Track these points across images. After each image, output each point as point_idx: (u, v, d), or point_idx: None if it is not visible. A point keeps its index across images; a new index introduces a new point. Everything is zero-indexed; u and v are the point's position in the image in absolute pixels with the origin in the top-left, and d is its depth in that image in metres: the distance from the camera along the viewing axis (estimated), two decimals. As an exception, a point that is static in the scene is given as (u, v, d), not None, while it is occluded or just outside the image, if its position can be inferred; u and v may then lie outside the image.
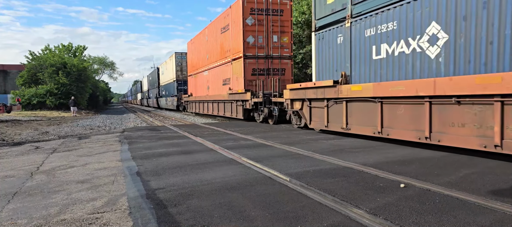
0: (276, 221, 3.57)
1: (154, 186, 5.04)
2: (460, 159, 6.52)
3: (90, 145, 9.81)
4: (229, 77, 18.57)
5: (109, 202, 4.31)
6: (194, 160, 7.03)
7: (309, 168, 5.97)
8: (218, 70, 20.39)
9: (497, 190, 4.45)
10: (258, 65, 16.79)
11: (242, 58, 16.49)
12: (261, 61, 16.88)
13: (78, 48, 46.06)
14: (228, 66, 18.54)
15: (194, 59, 26.67)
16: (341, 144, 8.76)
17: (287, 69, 17.51)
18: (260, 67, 16.85)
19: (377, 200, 4.15)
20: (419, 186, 4.69)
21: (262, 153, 7.67)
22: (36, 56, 38.07)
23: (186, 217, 3.73)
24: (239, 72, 17.01)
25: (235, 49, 17.38)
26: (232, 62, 17.86)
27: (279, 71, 17.21)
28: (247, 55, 16.56)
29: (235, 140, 10.01)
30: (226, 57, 18.83)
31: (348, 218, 3.58)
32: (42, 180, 5.58)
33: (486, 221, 3.43)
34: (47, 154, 8.30)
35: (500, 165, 5.88)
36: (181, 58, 33.03)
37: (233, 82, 17.99)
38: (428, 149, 7.57)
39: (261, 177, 5.40)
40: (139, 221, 3.65)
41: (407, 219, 3.53)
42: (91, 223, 3.63)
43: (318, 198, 4.25)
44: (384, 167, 5.88)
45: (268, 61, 16.99)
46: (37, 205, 4.29)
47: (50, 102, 32.90)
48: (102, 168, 6.47)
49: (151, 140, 10.77)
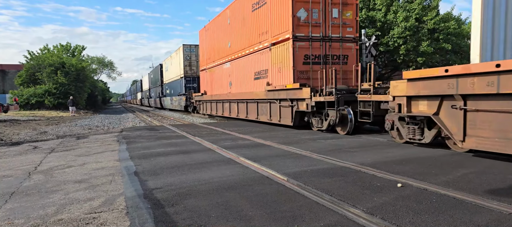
0: (273, 220, 3.57)
1: (151, 186, 5.03)
2: (458, 159, 6.53)
3: (88, 145, 9.81)
4: (266, 69, 14.24)
5: (106, 202, 4.31)
6: (192, 159, 7.03)
7: (307, 167, 5.97)
8: (248, 60, 16.06)
9: (494, 190, 4.46)
10: (312, 51, 12.38)
11: (291, 40, 12.09)
12: (316, 44, 12.42)
13: (77, 48, 45.98)
14: (265, 53, 14.26)
15: (209, 50, 22.15)
16: (339, 144, 8.77)
17: (350, 56, 12.85)
18: (314, 53, 12.41)
19: (374, 199, 4.15)
20: (416, 185, 4.70)
21: (260, 153, 7.68)
22: (35, 56, 38.03)
23: (183, 217, 3.73)
24: (284, 61, 12.72)
25: (278, 29, 13.08)
26: (271, 47, 13.60)
27: (340, 59, 12.74)
28: (298, 36, 12.11)
29: (233, 140, 10.01)
30: (261, 42, 14.53)
31: (345, 218, 3.59)
32: (39, 180, 5.58)
33: (483, 221, 3.44)
34: (45, 154, 8.29)
35: (498, 165, 5.90)
36: (190, 51, 28.72)
37: (273, 74, 13.71)
38: (427, 149, 7.58)
39: (259, 177, 5.40)
40: (136, 221, 3.65)
41: (403, 219, 3.53)
42: (88, 223, 3.62)
43: (316, 198, 4.26)
44: (382, 166, 5.89)
45: (325, 45, 12.53)
46: (35, 205, 4.29)
47: (49, 102, 32.86)
48: (100, 168, 6.46)
49: (149, 139, 10.76)
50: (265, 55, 14.30)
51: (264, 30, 14.17)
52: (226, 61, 18.91)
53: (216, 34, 20.74)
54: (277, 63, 13.26)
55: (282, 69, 12.93)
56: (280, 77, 13.14)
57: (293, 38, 12.08)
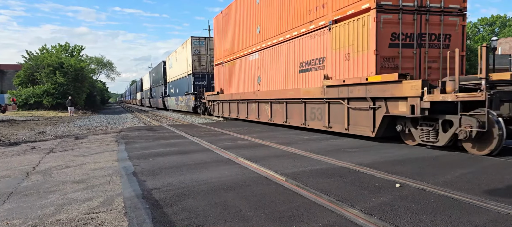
0: (271, 221, 3.57)
1: (150, 186, 5.03)
2: (456, 159, 6.54)
3: (86, 145, 9.79)
4: (322, 57, 10.60)
5: (104, 202, 4.31)
6: (190, 160, 7.03)
7: (305, 168, 5.98)
8: (288, 48, 12.52)
9: (491, 190, 4.48)
10: (402, 28, 8.77)
11: (373, 10, 8.54)
12: (408, 18, 8.78)
13: (75, 48, 45.94)
14: (319, 36, 10.71)
15: (228, 39, 18.71)
16: (338, 144, 8.78)
17: (453, 35, 9.20)
18: (406, 30, 8.81)
19: (373, 200, 4.16)
20: (415, 186, 4.71)
21: (259, 153, 7.68)
22: (33, 56, 38.00)
23: (182, 217, 3.73)
24: (358, 43, 9.12)
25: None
26: (331, 26, 10.07)
27: (441, 40, 9.10)
28: (384, 5, 8.56)
29: (232, 140, 10.01)
30: (312, 21, 11.00)
31: (343, 218, 3.60)
32: (38, 180, 5.57)
33: (480, 221, 3.45)
34: (43, 154, 8.27)
35: (496, 165, 5.91)
36: (199, 44, 25.42)
37: (334, 64, 10.07)
38: (426, 149, 7.59)
39: (257, 177, 5.41)
40: (134, 221, 3.65)
41: (402, 219, 3.54)
42: (87, 223, 3.62)
43: (314, 198, 4.26)
44: (380, 167, 5.90)
45: (420, 20, 8.89)
46: (33, 205, 4.28)
47: (47, 102, 32.81)
48: (99, 168, 6.45)
49: (148, 140, 10.75)
50: (320, 39, 10.69)
51: (320, 3, 10.59)
52: (253, 52, 15.51)
53: (238, 19, 17.25)
54: (343, 47, 9.66)
55: (352, 56, 9.35)
56: (347, 67, 9.56)
57: (377, 8, 8.45)
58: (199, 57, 25.60)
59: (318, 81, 10.78)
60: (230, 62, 18.63)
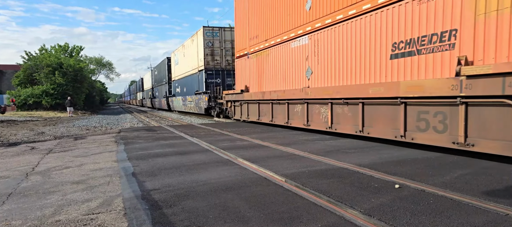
0: (270, 221, 3.58)
1: (149, 187, 5.03)
2: (455, 159, 6.55)
3: (86, 146, 9.79)
4: (451, 29, 6.68)
5: (104, 203, 4.31)
6: (190, 160, 7.03)
7: (304, 168, 5.98)
8: (366, 23, 8.87)
9: (491, 191, 4.49)
10: None
11: None
12: None
13: (75, 48, 45.90)
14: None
15: (257, 23, 15.04)
16: (337, 144, 8.79)
17: None
18: None
19: (372, 200, 4.17)
20: (414, 186, 4.72)
21: (258, 153, 7.68)
22: (32, 56, 37.96)
23: (181, 218, 3.73)
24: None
25: None
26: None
27: None
28: None
29: (232, 141, 10.01)
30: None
31: (343, 219, 3.60)
32: (37, 181, 5.56)
33: (479, 222, 3.46)
34: (42, 155, 8.27)
35: (495, 166, 5.92)
36: (212, 36, 21.73)
37: (478, 40, 6.20)
38: (425, 150, 7.60)
39: (257, 178, 5.41)
40: (134, 222, 3.65)
41: (401, 220, 3.55)
42: (86, 224, 3.62)
43: (313, 199, 4.27)
44: (379, 167, 5.90)
45: None
46: (32, 206, 4.28)
47: (46, 102, 32.78)
48: (98, 168, 6.45)
49: (147, 140, 10.75)
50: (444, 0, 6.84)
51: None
52: (299, 36, 11.90)
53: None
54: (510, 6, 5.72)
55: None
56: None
57: None
58: (212, 50, 21.87)
59: (438, 69, 7.05)
60: (260, 52, 14.93)
